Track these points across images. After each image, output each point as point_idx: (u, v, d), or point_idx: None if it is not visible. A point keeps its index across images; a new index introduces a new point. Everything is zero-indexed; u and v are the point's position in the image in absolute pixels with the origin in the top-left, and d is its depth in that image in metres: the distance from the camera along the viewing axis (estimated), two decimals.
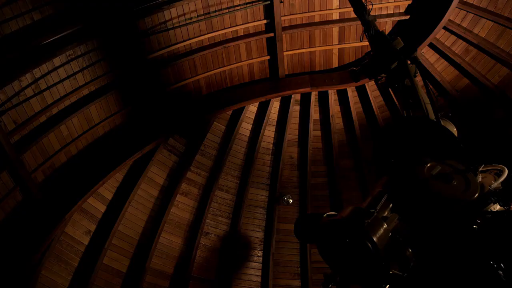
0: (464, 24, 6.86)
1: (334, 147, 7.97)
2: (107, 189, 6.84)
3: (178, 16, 6.47)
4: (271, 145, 8.14)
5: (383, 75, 3.19)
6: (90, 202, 6.61)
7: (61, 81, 5.84)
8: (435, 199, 2.03)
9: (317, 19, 7.24)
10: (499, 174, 2.51)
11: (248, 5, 6.76)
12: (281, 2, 6.78)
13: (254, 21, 7.01)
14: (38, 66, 5.49)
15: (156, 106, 7.16)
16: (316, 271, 7.64)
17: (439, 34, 7.04)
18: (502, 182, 2.41)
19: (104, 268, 6.65)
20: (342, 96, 7.93)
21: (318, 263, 7.62)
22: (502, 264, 1.78)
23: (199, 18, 6.62)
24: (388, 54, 3.07)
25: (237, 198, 7.89)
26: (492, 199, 2.15)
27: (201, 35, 6.82)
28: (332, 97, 7.87)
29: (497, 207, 2.31)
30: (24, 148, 5.74)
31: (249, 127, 8.05)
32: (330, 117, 7.93)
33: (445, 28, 6.96)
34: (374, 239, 1.75)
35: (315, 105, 8.00)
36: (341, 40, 7.51)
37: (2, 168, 5.56)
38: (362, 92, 7.87)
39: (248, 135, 8.04)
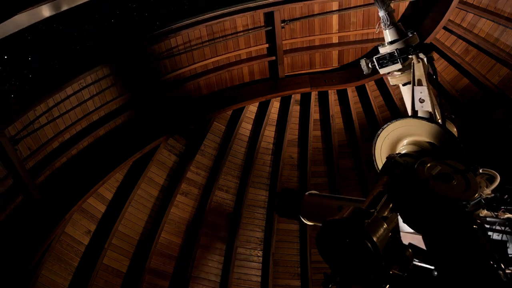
0: (464, 24, 6.86)
1: (334, 147, 7.98)
2: (107, 189, 6.84)
3: (184, 43, 6.76)
4: (271, 145, 8.14)
5: (395, 71, 3.02)
6: (90, 202, 6.61)
7: (73, 108, 6.10)
8: (435, 199, 2.04)
9: (317, 43, 7.49)
10: (491, 180, 2.45)
11: (251, 31, 7.04)
12: (283, 27, 7.00)
13: (256, 45, 7.28)
14: (52, 96, 5.74)
15: (156, 106, 7.17)
16: (316, 271, 7.64)
17: (439, 34, 7.05)
18: (493, 190, 2.34)
19: (104, 268, 6.65)
20: (342, 96, 7.94)
21: (318, 263, 7.62)
22: (502, 264, 1.78)
23: (204, 44, 6.90)
24: (404, 50, 2.90)
25: (237, 198, 7.90)
26: (482, 204, 2.12)
27: (206, 59, 7.09)
28: (332, 97, 7.87)
29: (484, 212, 2.28)
30: (38, 174, 5.96)
31: (249, 127, 8.05)
32: (330, 117, 7.94)
33: (445, 28, 6.96)
34: (374, 239, 1.75)
35: (315, 105, 8.01)
36: (340, 63, 7.76)
37: (17, 190, 5.73)
38: (362, 92, 7.88)
39: (248, 135, 8.04)
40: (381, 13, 2.98)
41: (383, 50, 3.03)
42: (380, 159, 2.97)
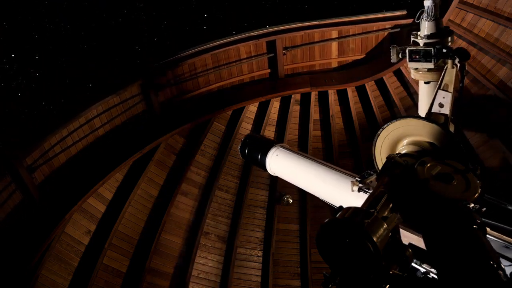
0: (464, 24, 6.86)
1: (334, 147, 7.97)
2: (107, 189, 6.84)
3: (190, 71, 7.12)
4: None
5: (425, 67, 2.84)
6: (90, 202, 6.61)
7: (85, 136, 6.46)
8: (435, 199, 2.04)
9: (317, 68, 7.77)
10: None
11: (253, 58, 7.41)
12: (284, 54, 7.32)
13: (259, 70, 7.61)
14: (66, 126, 6.15)
15: (156, 107, 7.17)
16: (316, 271, 7.63)
17: None
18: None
19: (104, 268, 6.65)
20: (342, 96, 7.94)
21: (318, 263, 7.62)
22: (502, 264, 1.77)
23: (209, 71, 7.24)
24: (440, 50, 2.72)
25: (237, 198, 7.89)
26: None
27: (210, 84, 7.40)
28: (332, 97, 7.88)
29: None
30: (52, 197, 6.23)
31: (249, 127, 8.05)
32: (330, 117, 7.94)
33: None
34: (374, 239, 1.75)
35: (315, 105, 8.01)
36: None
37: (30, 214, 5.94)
38: (362, 92, 7.88)
39: None
40: (428, 3, 2.83)
41: (417, 41, 2.88)
42: (380, 159, 2.96)
